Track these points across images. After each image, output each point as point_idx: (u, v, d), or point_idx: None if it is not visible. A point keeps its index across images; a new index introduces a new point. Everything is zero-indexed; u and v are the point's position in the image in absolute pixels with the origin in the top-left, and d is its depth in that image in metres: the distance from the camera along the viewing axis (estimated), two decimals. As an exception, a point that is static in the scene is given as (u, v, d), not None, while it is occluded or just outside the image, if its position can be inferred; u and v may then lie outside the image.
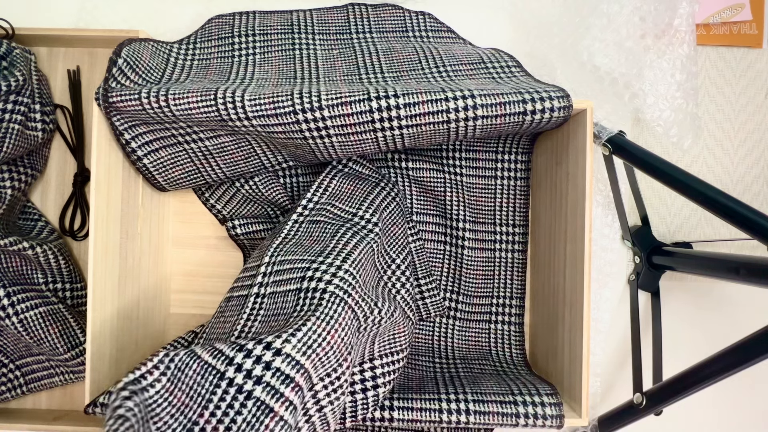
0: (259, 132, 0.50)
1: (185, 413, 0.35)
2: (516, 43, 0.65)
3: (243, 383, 0.35)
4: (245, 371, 0.35)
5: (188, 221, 0.65)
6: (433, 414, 0.49)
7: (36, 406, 0.63)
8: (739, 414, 0.68)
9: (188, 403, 0.35)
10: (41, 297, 0.58)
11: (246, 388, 0.34)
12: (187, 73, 0.57)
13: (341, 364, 0.40)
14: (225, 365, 0.35)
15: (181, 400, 0.36)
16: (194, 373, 0.36)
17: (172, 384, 0.37)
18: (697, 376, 0.46)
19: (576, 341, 0.51)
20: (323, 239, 0.49)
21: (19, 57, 0.57)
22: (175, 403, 0.36)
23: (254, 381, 0.35)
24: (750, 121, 0.69)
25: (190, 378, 0.36)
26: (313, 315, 0.39)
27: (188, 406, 0.35)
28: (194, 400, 0.35)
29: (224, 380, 0.35)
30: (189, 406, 0.35)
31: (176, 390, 0.36)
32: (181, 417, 0.35)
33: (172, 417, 0.35)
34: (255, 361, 0.35)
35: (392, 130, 0.48)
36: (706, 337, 0.67)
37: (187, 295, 0.65)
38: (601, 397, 0.67)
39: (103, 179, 0.51)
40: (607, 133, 0.56)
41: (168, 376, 0.37)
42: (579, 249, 0.51)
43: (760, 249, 0.66)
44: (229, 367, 0.35)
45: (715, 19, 0.68)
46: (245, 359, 0.35)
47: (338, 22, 0.64)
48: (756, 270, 0.45)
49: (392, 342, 0.50)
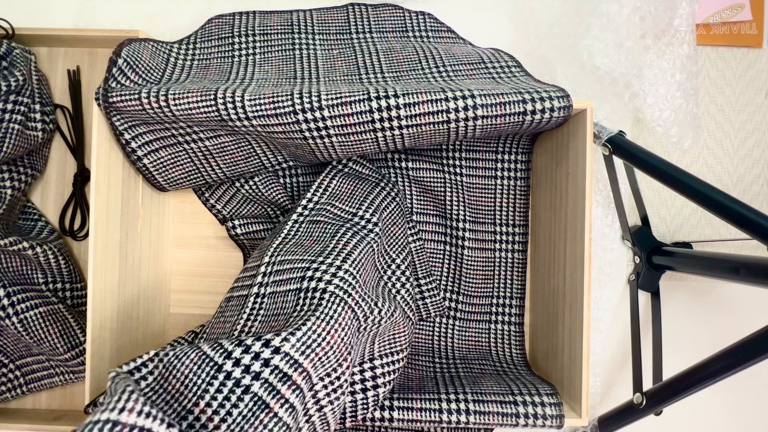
0: (259, 132, 0.50)
1: (179, 401, 0.35)
2: (516, 43, 0.65)
3: (241, 377, 0.35)
4: (243, 366, 0.35)
5: (188, 221, 0.65)
6: (433, 414, 0.49)
7: (36, 406, 0.63)
8: (739, 414, 0.68)
9: (183, 391, 0.35)
10: (41, 297, 0.58)
11: (244, 383, 0.35)
12: (187, 73, 0.57)
13: (341, 364, 0.40)
14: (223, 358, 0.36)
15: (175, 387, 0.36)
16: (191, 362, 0.36)
17: (167, 371, 0.37)
18: (697, 376, 0.46)
19: (576, 341, 0.51)
20: (323, 239, 0.49)
21: (19, 57, 0.57)
22: (169, 390, 0.36)
23: (252, 376, 0.35)
24: (750, 121, 0.69)
25: (186, 367, 0.36)
26: (313, 315, 0.39)
27: (183, 394, 0.35)
28: (189, 388, 0.35)
29: (221, 373, 0.35)
30: (184, 394, 0.35)
31: (171, 377, 0.36)
32: (176, 404, 0.35)
33: (167, 404, 0.35)
34: (253, 357, 0.35)
35: (392, 130, 0.48)
36: (706, 336, 0.67)
37: (187, 295, 0.65)
38: (601, 397, 0.67)
39: (103, 179, 0.51)
40: (607, 133, 0.56)
41: (164, 363, 0.37)
42: (579, 249, 0.51)
43: (760, 249, 0.66)
44: (227, 360, 0.35)
45: (715, 19, 0.68)
46: (243, 354, 0.35)
47: (338, 22, 0.64)
48: (756, 270, 0.45)
49: (392, 342, 0.50)
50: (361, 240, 0.49)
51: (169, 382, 0.36)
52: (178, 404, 0.35)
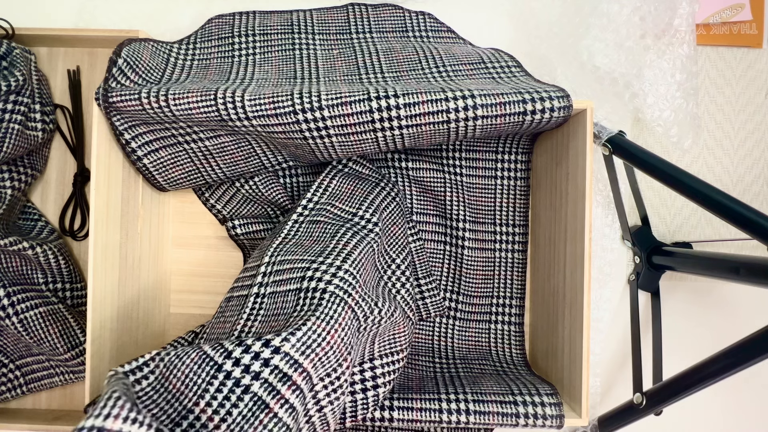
0: (259, 132, 0.50)
1: (180, 400, 0.35)
2: (516, 43, 0.65)
3: (241, 377, 0.35)
4: (243, 366, 0.35)
5: (188, 221, 0.65)
6: (433, 414, 0.49)
7: (36, 406, 0.63)
8: (739, 414, 0.68)
9: (183, 391, 0.35)
10: (41, 297, 0.58)
11: (244, 383, 0.35)
12: (187, 73, 0.57)
13: (341, 364, 0.40)
14: (223, 357, 0.36)
15: (176, 387, 0.36)
16: (192, 362, 0.36)
17: (168, 371, 0.37)
18: (697, 376, 0.46)
19: (576, 341, 0.51)
20: (323, 239, 0.49)
21: (19, 57, 0.57)
22: (170, 389, 0.36)
23: (252, 376, 0.35)
24: (750, 121, 0.69)
25: (187, 366, 0.36)
26: (313, 315, 0.39)
27: (183, 393, 0.35)
28: (189, 388, 0.35)
29: (221, 372, 0.35)
30: (184, 393, 0.35)
31: (172, 377, 0.36)
32: (176, 404, 0.35)
33: (167, 403, 0.35)
34: (253, 357, 0.35)
35: (392, 130, 0.48)
36: (706, 336, 0.67)
37: (187, 295, 0.65)
38: (601, 397, 0.67)
39: (103, 179, 0.51)
40: (607, 133, 0.56)
41: (165, 363, 0.37)
42: (579, 249, 0.51)
43: (760, 249, 0.66)
44: (227, 360, 0.35)
45: (715, 19, 0.68)
46: (243, 354, 0.35)
47: (338, 22, 0.64)
48: (756, 270, 0.45)
49: (392, 342, 0.50)
50: (361, 240, 0.49)
51: (169, 381, 0.36)
52: (178, 404, 0.35)
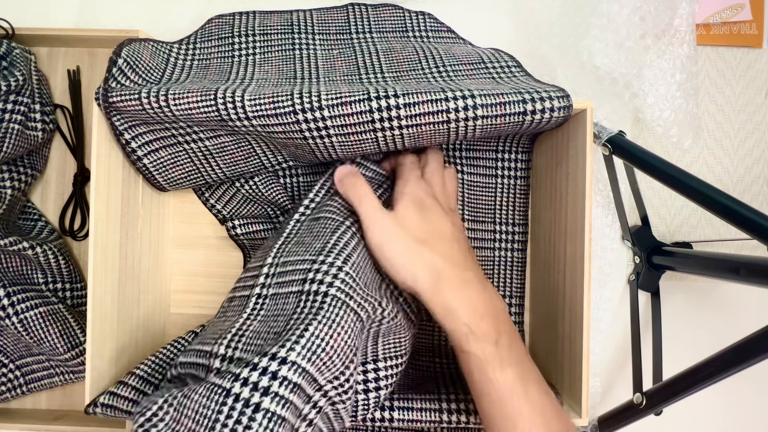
0: (259, 132, 0.50)
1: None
2: (516, 43, 0.65)
3: (250, 396, 0.34)
4: (251, 384, 0.34)
5: (188, 221, 0.65)
6: (434, 414, 0.49)
7: (36, 406, 0.63)
8: (739, 414, 0.68)
9: (195, 429, 0.34)
10: (41, 297, 0.58)
11: (253, 401, 0.34)
12: (187, 73, 0.57)
13: (348, 367, 0.40)
14: (231, 382, 0.35)
15: (188, 426, 0.35)
16: (200, 396, 0.35)
17: (178, 413, 0.36)
18: (697, 376, 0.46)
19: (576, 341, 0.51)
20: (324, 235, 0.48)
21: (19, 57, 0.57)
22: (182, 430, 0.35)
23: (261, 392, 0.34)
24: (750, 121, 0.69)
25: (196, 402, 0.35)
26: (315, 319, 0.39)
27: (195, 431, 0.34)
28: (201, 423, 0.34)
29: (230, 396, 0.34)
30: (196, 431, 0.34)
31: (183, 417, 0.35)
32: None
33: None
34: (261, 372, 0.34)
35: (392, 130, 0.48)
36: (706, 337, 0.67)
37: (187, 295, 0.65)
38: (601, 397, 0.67)
39: (103, 179, 0.51)
40: (607, 133, 0.56)
41: (175, 406, 0.36)
42: (579, 249, 0.50)
43: (760, 249, 0.66)
44: (235, 383, 0.34)
45: (715, 19, 0.68)
46: (251, 372, 0.35)
47: (338, 22, 0.64)
48: (756, 270, 0.45)
49: (397, 345, 0.49)
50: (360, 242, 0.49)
51: (181, 423, 0.35)
52: None
